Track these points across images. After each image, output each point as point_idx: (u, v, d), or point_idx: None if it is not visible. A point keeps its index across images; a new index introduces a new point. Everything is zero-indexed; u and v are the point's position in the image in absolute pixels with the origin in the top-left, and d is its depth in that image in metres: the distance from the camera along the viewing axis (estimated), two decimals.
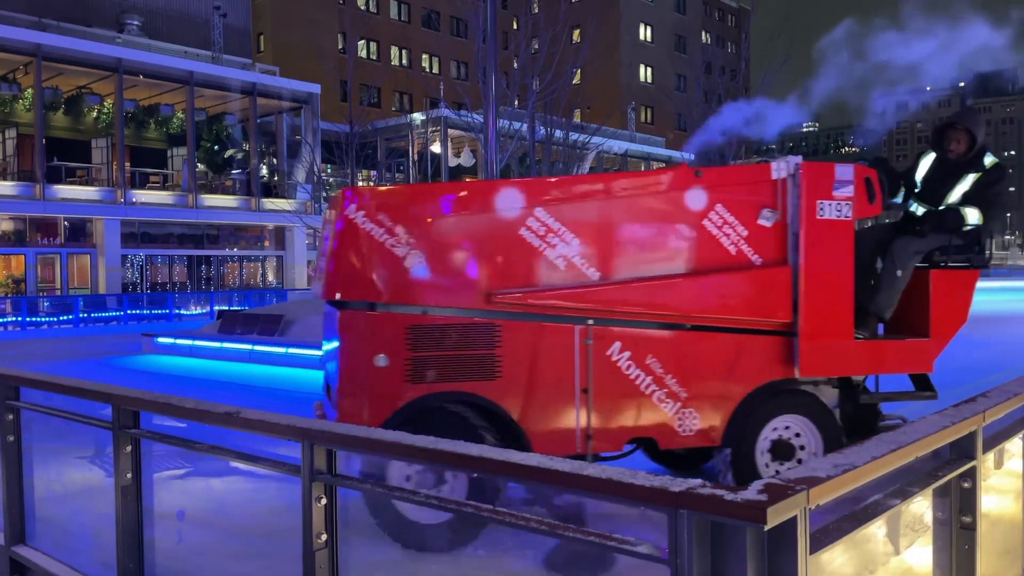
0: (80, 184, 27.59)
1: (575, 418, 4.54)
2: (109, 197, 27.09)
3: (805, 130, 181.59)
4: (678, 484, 1.68)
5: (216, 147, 31.69)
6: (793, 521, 1.63)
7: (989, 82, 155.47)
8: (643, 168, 48.54)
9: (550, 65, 23.28)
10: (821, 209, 4.72)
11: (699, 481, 1.70)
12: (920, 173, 5.54)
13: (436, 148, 37.13)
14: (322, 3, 47.70)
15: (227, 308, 22.64)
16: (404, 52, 54.55)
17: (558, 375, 4.52)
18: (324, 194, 27.95)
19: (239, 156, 32.05)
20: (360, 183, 32.68)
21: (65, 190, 26.31)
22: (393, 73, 51.71)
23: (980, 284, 5.18)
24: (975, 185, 5.20)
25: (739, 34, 48.77)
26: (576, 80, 29.81)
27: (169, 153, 30.99)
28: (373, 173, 38.18)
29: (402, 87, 52.00)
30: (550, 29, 23.28)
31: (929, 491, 2.48)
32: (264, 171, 32.68)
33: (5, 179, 25.75)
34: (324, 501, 2.47)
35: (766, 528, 1.54)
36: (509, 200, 4.52)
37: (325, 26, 46.03)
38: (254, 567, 3.97)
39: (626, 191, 4.77)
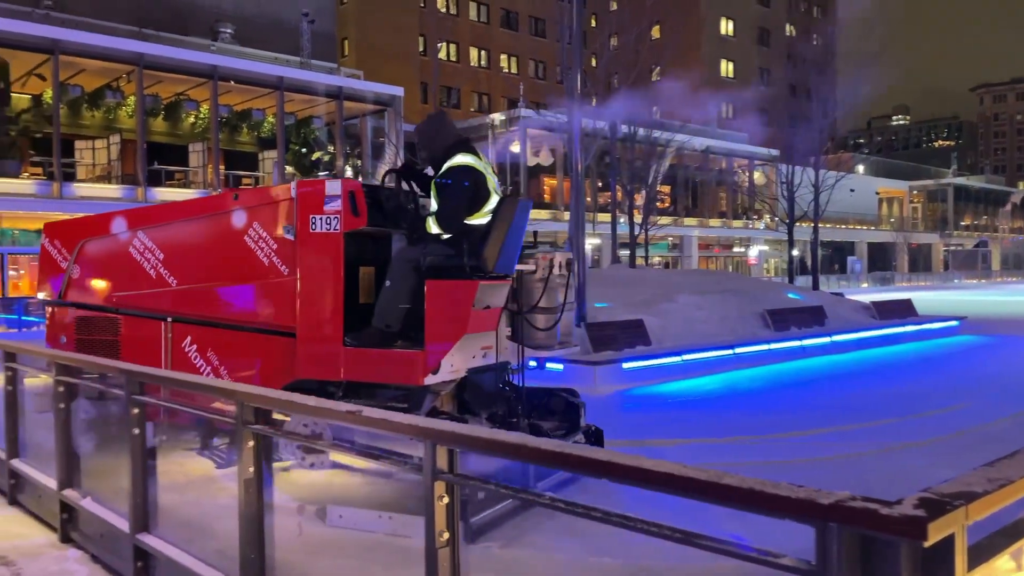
0: (179, 187, 28.76)
1: None
2: None
3: (894, 123, 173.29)
4: (826, 496, 1.64)
5: (304, 150, 32.57)
6: (951, 538, 1.57)
7: None
8: (724, 165, 47.62)
9: (634, 63, 23.05)
10: (314, 223, 5.11)
11: (847, 494, 1.65)
12: None
13: (516, 148, 37.28)
14: (404, 7, 48.56)
15: None
16: (483, 53, 55.01)
17: (152, 361, 5.57)
18: None
19: (326, 158, 32.89)
20: None
21: (165, 192, 27.49)
22: (473, 74, 52.20)
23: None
24: (434, 194, 5.23)
25: (825, 26, 47.13)
26: (656, 76, 29.41)
27: (260, 156, 32.04)
28: None
29: (481, 88, 52.45)
30: (634, 28, 23.03)
31: None
32: (349, 172, 33.45)
33: (110, 182, 27.16)
34: (446, 500, 2.51)
35: (926, 545, 1.49)
36: (120, 226, 6.08)
37: (407, 29, 46.81)
38: (371, 563, 4.06)
39: (192, 214, 5.96)
